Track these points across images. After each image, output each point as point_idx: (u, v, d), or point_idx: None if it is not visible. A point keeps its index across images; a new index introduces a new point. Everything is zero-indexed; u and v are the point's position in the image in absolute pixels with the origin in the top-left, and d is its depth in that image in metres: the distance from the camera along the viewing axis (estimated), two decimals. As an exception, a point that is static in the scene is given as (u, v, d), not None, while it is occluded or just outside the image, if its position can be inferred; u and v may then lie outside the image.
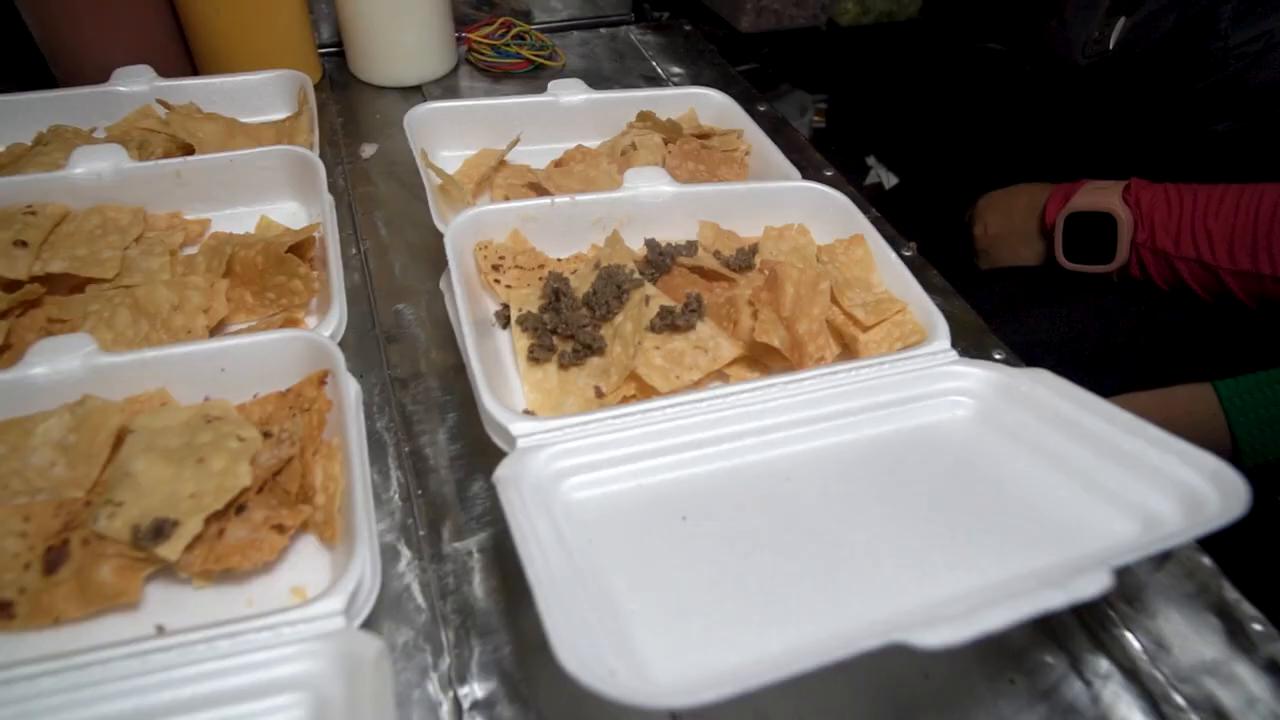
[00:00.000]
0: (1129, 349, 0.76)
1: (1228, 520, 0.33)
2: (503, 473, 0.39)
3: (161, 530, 0.38)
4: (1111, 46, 0.76)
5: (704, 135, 0.69)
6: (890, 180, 1.24)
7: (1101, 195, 0.75)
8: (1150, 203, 0.73)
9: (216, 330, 0.52)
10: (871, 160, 1.27)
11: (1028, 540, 0.38)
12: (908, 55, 1.28)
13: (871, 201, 0.78)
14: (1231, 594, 0.45)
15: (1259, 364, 0.68)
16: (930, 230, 1.02)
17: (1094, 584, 0.30)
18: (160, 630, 0.38)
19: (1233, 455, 0.67)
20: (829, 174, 0.75)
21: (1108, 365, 0.76)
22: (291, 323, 0.53)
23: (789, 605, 0.35)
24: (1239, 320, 0.73)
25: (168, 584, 0.40)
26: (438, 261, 0.56)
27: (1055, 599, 0.30)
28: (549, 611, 0.30)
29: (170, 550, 0.37)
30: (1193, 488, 0.37)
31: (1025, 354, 0.66)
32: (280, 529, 0.40)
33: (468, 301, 0.48)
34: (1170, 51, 0.73)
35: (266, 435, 0.43)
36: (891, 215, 0.81)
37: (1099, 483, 0.41)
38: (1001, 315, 0.81)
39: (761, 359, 0.51)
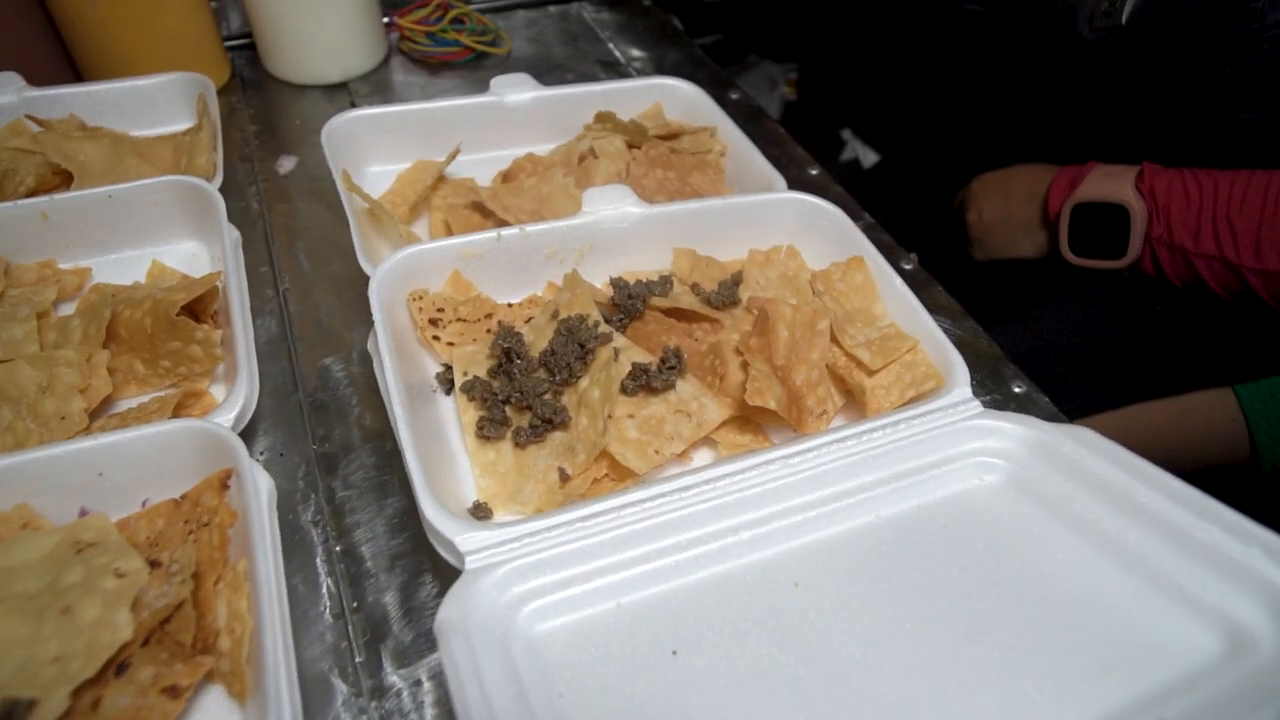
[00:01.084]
0: (1142, 352, 0.70)
1: (1352, 657, 0.27)
2: (447, 614, 0.31)
3: (12, 716, 0.30)
4: (1124, 21, 0.68)
5: (672, 135, 0.61)
6: (868, 157, 1.16)
7: (1112, 183, 0.68)
8: (1166, 192, 0.66)
9: (100, 410, 0.43)
10: (847, 134, 1.19)
11: (1093, 666, 0.31)
12: (883, 18, 1.19)
13: (848, 181, 0.70)
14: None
15: (1275, 363, 0.62)
16: (917, 215, 0.94)
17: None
18: (21, 839, 0.30)
19: (1250, 460, 0.62)
20: (813, 173, 0.67)
21: (1120, 371, 0.70)
22: (192, 395, 0.44)
23: (813, 784, 0.28)
24: (1258, 320, 0.67)
25: (33, 770, 0.32)
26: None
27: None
28: None
29: (25, 741, 0.29)
30: (1287, 592, 0.31)
31: (1034, 363, 0.60)
32: (174, 692, 0.32)
33: (399, 369, 0.40)
34: (1194, 30, 0.64)
35: (155, 565, 0.35)
36: (874, 198, 0.73)
37: (1167, 578, 0.34)
38: (1004, 316, 0.75)
39: (754, 417, 0.44)
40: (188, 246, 0.52)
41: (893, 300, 0.48)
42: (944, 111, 1.03)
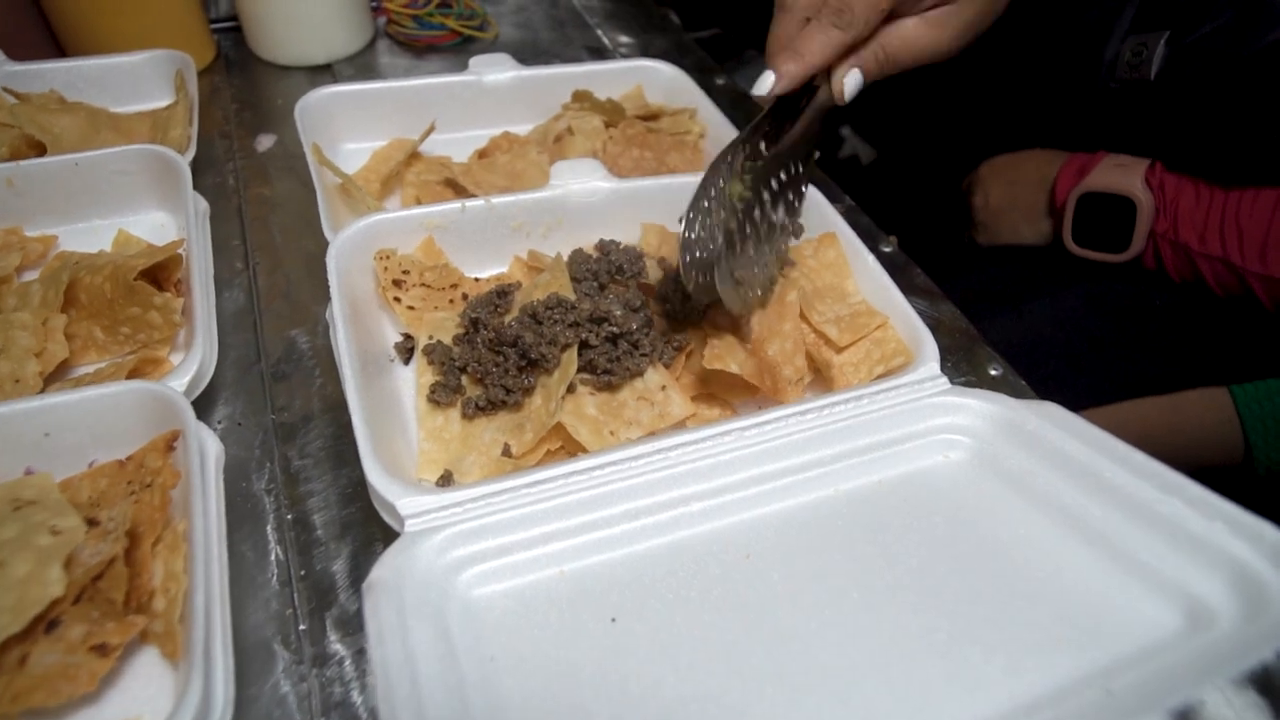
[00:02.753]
0: (1136, 349, 0.68)
1: (1308, 627, 0.26)
2: (380, 574, 0.30)
3: (-65, 668, 0.29)
4: (1152, 76, 0.64)
5: (651, 116, 0.60)
6: (867, 153, 1.15)
7: (1121, 175, 0.66)
8: (1176, 189, 0.64)
9: (57, 375, 0.43)
10: (846, 131, 1.18)
11: (1046, 638, 0.30)
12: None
13: (847, 176, 0.69)
14: (1275, 663, 0.38)
15: (1272, 365, 0.61)
16: (915, 207, 0.93)
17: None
18: (-60, 796, 0.29)
19: (1244, 462, 0.61)
20: (796, 156, 0.66)
21: (1113, 367, 0.68)
22: (150, 362, 0.44)
23: (744, 751, 0.27)
24: (1251, 319, 0.65)
25: (-42, 727, 0.31)
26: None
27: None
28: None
29: (-53, 694, 0.29)
30: (1246, 566, 0.30)
31: (1025, 355, 0.58)
32: (103, 650, 0.31)
33: (356, 335, 0.39)
34: (1249, 86, 0.59)
35: (93, 524, 0.35)
36: (870, 193, 0.71)
37: (1129, 554, 0.33)
38: (1000, 305, 0.73)
39: (723, 394, 0.43)
40: (155, 217, 0.52)
41: (865, 277, 0.47)
42: (944, 107, 1.01)
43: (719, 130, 0.59)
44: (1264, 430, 0.60)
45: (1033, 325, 0.71)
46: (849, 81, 0.43)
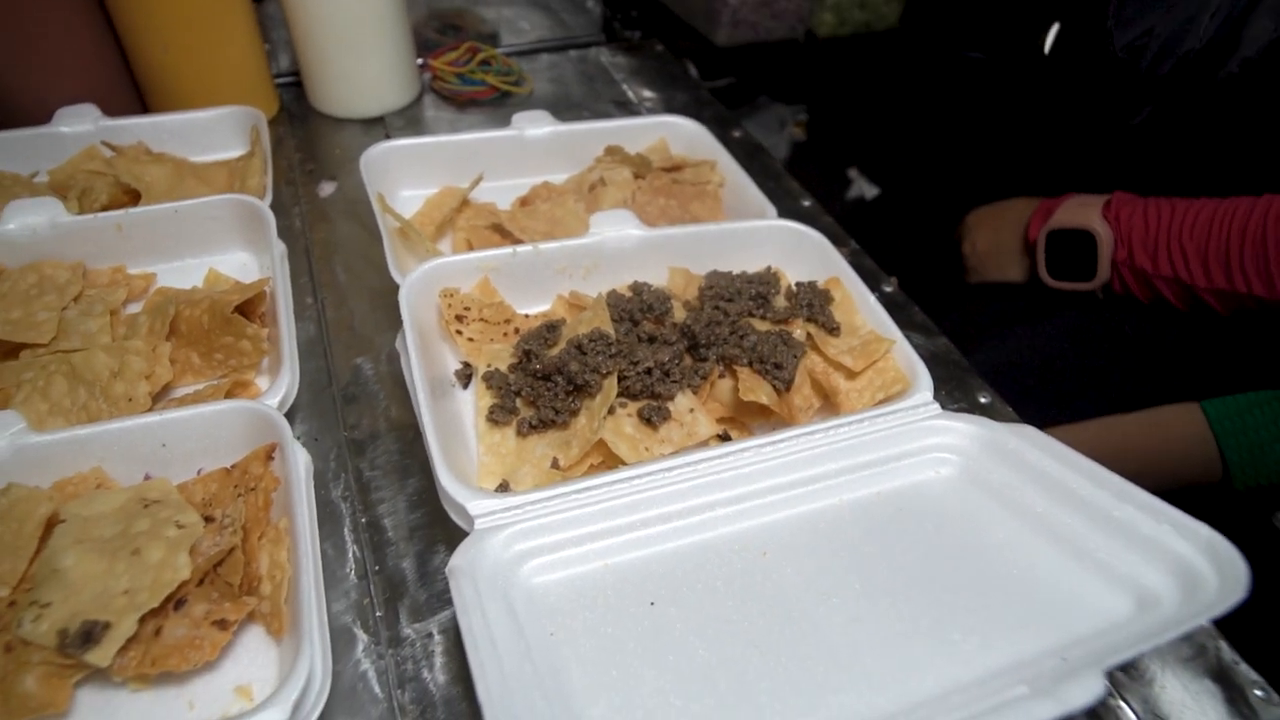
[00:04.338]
0: (1110, 368, 0.75)
1: (1227, 607, 0.31)
2: (458, 561, 0.36)
3: (91, 635, 0.35)
4: (1046, 51, 0.79)
5: (675, 168, 0.67)
6: (873, 194, 1.22)
7: (1082, 212, 0.74)
8: (1129, 219, 0.72)
9: (161, 395, 0.50)
10: (853, 173, 1.25)
11: (1016, 621, 0.36)
12: (887, 65, 1.26)
13: (852, 215, 0.77)
14: (1229, 655, 0.43)
15: (1241, 378, 0.66)
16: (914, 244, 1.00)
17: (1086, 690, 0.28)
18: (90, 744, 0.35)
19: (1223, 479, 0.66)
20: (806, 204, 0.73)
21: (1089, 386, 0.75)
22: (240, 385, 0.50)
23: (760, 707, 0.33)
24: (1220, 334, 0.72)
25: (101, 687, 0.37)
26: (399, 310, 0.53)
27: (1044, 711, 0.28)
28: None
29: (100, 657, 0.35)
30: (1188, 563, 0.35)
31: (1008, 378, 0.64)
32: (222, 625, 0.37)
33: (424, 363, 0.45)
34: (1087, 56, 0.75)
35: (209, 520, 0.41)
36: (873, 229, 0.78)
37: (1090, 552, 0.39)
38: (986, 336, 0.80)
39: (743, 419, 0.49)
40: (240, 257, 0.59)
41: (868, 315, 0.53)
42: (939, 147, 1.09)
43: (736, 179, 0.65)
44: (1238, 447, 0.65)
45: (1016, 352, 0.78)
46: None
